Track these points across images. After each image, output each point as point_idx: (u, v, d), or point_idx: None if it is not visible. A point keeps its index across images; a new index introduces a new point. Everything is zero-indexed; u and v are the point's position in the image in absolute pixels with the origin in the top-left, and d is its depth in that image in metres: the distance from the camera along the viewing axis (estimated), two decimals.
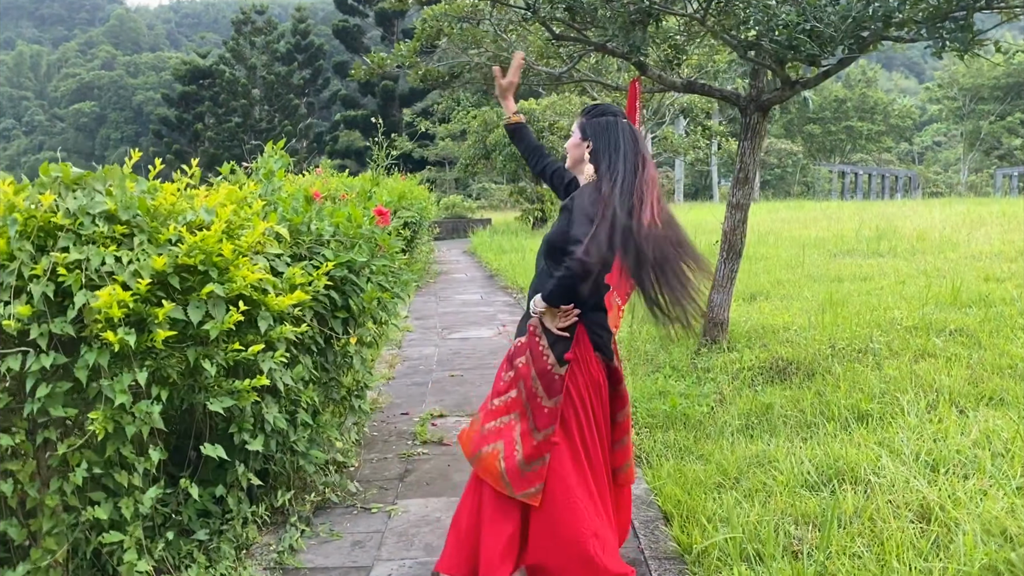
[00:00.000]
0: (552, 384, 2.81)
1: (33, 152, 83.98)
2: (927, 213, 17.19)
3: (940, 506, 3.25)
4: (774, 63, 5.60)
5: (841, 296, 8.06)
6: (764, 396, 5.09)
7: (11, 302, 2.73)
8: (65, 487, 2.84)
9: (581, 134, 2.94)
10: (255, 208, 3.35)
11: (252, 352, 2.99)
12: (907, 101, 57.13)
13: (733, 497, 3.64)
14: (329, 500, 3.94)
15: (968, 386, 4.92)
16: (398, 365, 7.03)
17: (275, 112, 45.63)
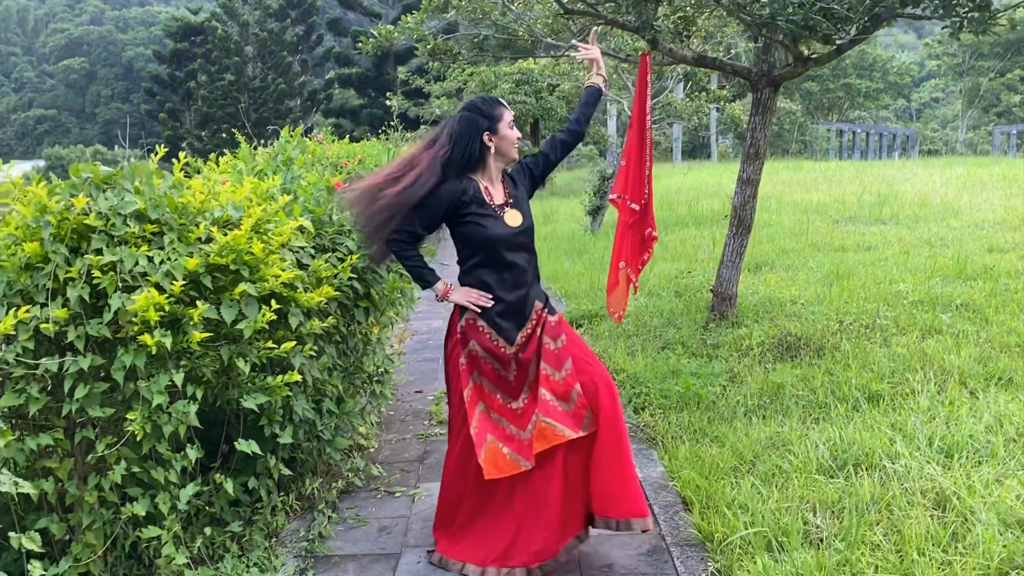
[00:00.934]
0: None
1: (23, 109, 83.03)
2: (927, 176, 17.18)
3: (956, 494, 3.33)
4: (788, 40, 5.57)
5: (846, 268, 8.11)
6: (775, 375, 5.16)
7: (48, 304, 2.75)
8: (103, 483, 2.89)
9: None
10: (280, 203, 3.36)
11: (285, 350, 3.03)
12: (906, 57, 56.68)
13: (750, 482, 3.72)
14: (353, 484, 4.01)
15: (977, 366, 4.99)
16: (407, 340, 7.08)
17: (268, 70, 45.07)
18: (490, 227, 3.10)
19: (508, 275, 3.14)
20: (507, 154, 3.20)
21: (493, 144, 3.14)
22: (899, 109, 57.38)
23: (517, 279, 3.15)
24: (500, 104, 3.20)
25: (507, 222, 3.13)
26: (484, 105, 3.20)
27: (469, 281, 3.19)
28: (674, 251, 10.19)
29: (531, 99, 21.33)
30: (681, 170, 25.96)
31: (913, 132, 37.26)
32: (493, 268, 3.14)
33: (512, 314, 3.15)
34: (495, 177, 3.22)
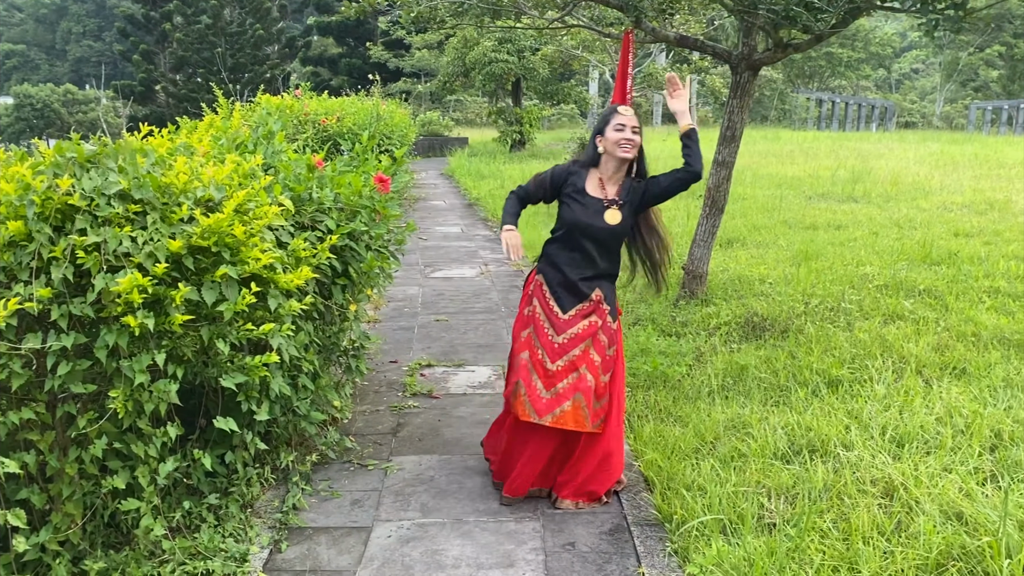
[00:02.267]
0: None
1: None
2: (901, 152, 17.39)
3: (903, 485, 3.50)
4: (768, 26, 5.63)
5: (816, 248, 8.27)
6: (739, 356, 5.31)
7: (31, 282, 2.80)
8: (84, 456, 2.97)
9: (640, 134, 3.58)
10: (263, 182, 3.40)
11: (264, 331, 3.10)
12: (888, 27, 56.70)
13: (710, 464, 3.87)
14: (327, 457, 4.12)
15: (934, 355, 5.17)
16: (383, 307, 7.16)
17: (246, 14, 44.06)
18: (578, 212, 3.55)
19: (579, 256, 3.57)
20: (613, 153, 3.54)
21: (602, 145, 3.57)
22: (879, 79, 57.53)
23: (586, 264, 3.57)
24: (615, 110, 3.58)
25: (606, 218, 3.53)
26: (604, 111, 3.71)
27: (547, 248, 3.70)
28: None
29: (513, 58, 21.19)
30: (660, 135, 26.00)
31: (891, 104, 37.45)
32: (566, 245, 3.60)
33: (570, 288, 3.58)
34: (610, 175, 3.59)
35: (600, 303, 3.61)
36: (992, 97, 42.96)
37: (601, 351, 3.59)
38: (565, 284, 3.58)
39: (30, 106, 45.16)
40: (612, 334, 3.64)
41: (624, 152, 3.49)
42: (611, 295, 3.67)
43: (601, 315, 3.61)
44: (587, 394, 3.52)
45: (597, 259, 3.57)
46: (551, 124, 35.05)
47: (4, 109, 45.75)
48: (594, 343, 3.58)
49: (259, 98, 11.58)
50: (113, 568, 3.02)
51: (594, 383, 3.55)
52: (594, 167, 3.62)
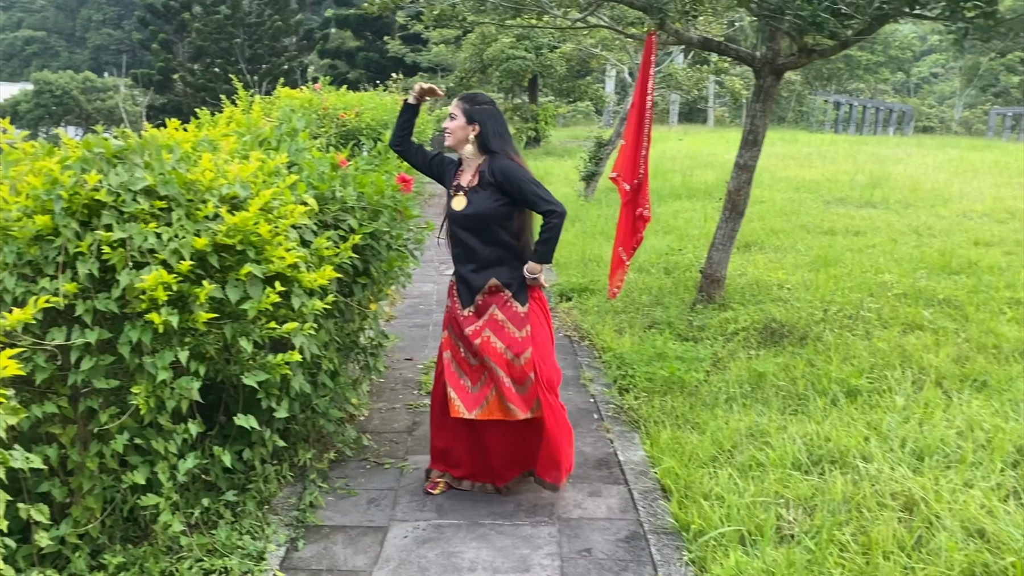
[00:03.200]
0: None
1: (12, 29, 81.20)
2: (920, 158, 17.28)
3: (923, 499, 3.48)
4: (793, 31, 5.59)
5: (834, 254, 8.23)
6: (757, 363, 5.28)
7: (57, 277, 2.81)
8: (104, 451, 2.98)
9: (466, 119, 3.57)
10: (287, 181, 3.40)
11: (287, 330, 3.10)
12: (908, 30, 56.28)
13: (728, 473, 3.85)
14: (344, 454, 4.12)
15: (954, 366, 5.13)
16: (399, 303, 7.16)
17: (265, 5, 44.12)
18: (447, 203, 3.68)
19: (460, 250, 3.66)
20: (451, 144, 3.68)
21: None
22: (898, 83, 57.13)
23: (468, 256, 3.62)
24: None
25: (453, 205, 3.62)
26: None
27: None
28: (666, 224, 10.26)
29: (531, 55, 21.15)
30: (677, 135, 25.95)
31: (909, 108, 37.23)
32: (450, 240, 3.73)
33: (465, 282, 3.65)
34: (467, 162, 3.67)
35: (498, 291, 3.60)
36: (1012, 103, 42.61)
37: (506, 337, 3.57)
38: (461, 279, 3.67)
39: (49, 92, 45.32)
40: (521, 318, 3.60)
41: (446, 142, 3.64)
42: (513, 279, 3.61)
43: (500, 303, 3.60)
44: (501, 385, 3.54)
45: (477, 248, 3.59)
46: (566, 121, 34.99)
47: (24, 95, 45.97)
48: (496, 331, 3.58)
49: (278, 91, 11.60)
50: (131, 562, 3.04)
51: (505, 371, 3.55)
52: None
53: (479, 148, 3.59)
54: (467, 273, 3.63)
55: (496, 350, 3.56)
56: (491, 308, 3.60)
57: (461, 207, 3.57)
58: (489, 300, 3.61)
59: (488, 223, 3.56)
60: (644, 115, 5.59)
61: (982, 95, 49.41)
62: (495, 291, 3.61)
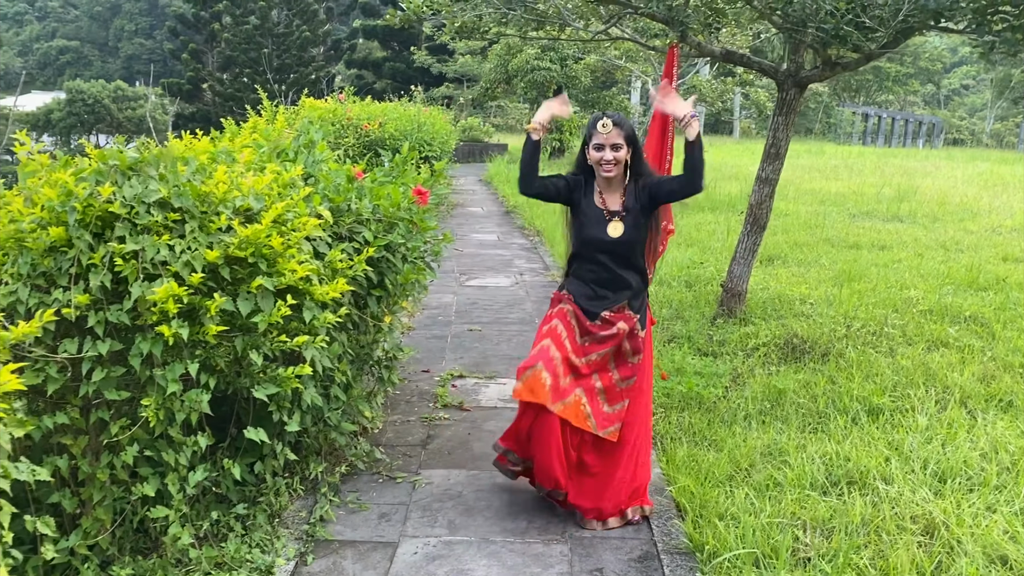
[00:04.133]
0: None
1: (47, 38, 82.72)
2: (949, 171, 17.05)
3: (944, 523, 3.39)
4: (817, 44, 5.53)
5: (859, 269, 8.12)
6: (777, 379, 5.21)
7: (70, 288, 2.82)
8: (115, 462, 2.98)
9: (628, 146, 3.47)
10: (302, 193, 3.40)
11: (298, 343, 3.09)
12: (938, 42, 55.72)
13: (744, 493, 3.79)
14: (356, 467, 4.10)
15: (979, 385, 5.03)
16: (418, 315, 7.15)
17: (293, 16, 44.59)
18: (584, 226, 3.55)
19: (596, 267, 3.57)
20: (596, 172, 3.53)
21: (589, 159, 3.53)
22: (927, 95, 56.54)
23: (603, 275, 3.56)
24: (595, 124, 3.45)
25: (609, 232, 3.51)
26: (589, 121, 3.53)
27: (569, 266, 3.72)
28: (688, 236, 10.19)
29: (556, 65, 21.17)
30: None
31: (939, 120, 36.81)
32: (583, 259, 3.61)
33: (594, 299, 3.57)
34: (607, 186, 3.56)
35: (624, 309, 3.57)
36: None
37: (621, 361, 3.58)
38: (590, 296, 3.58)
39: (81, 101, 45.98)
40: (638, 343, 3.60)
41: (605, 173, 3.46)
42: (639, 304, 3.62)
43: (628, 321, 3.56)
44: (590, 392, 3.51)
45: (615, 269, 3.55)
46: None
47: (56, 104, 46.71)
48: (616, 353, 3.58)
49: (303, 101, 11.69)
50: (140, 574, 3.03)
51: (602, 385, 3.54)
52: (593, 177, 3.59)
53: (628, 171, 3.53)
54: (600, 291, 3.56)
55: (607, 370, 3.58)
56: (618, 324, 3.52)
57: (618, 234, 3.49)
58: (616, 318, 3.54)
59: (633, 247, 3.55)
60: (667, 128, 5.55)
61: (1014, 107, 48.76)
62: (622, 309, 3.56)
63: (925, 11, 4.72)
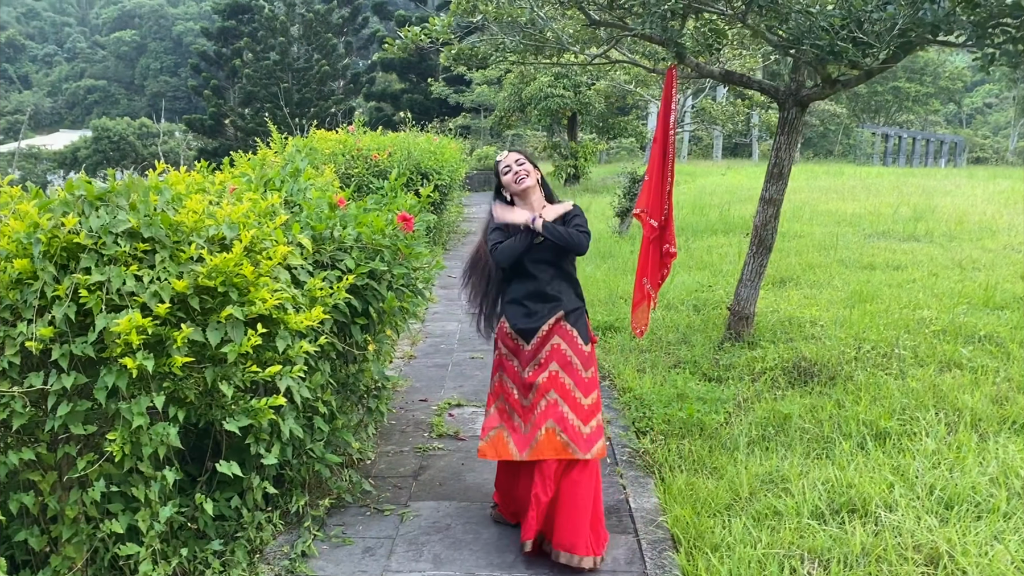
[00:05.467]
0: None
1: (75, 79, 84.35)
2: (969, 190, 16.77)
3: (949, 553, 3.24)
4: (815, 62, 5.44)
5: (871, 289, 7.94)
6: (783, 404, 5.06)
7: (34, 321, 2.78)
8: (84, 499, 2.92)
9: (532, 164, 3.71)
10: (278, 221, 3.35)
11: (270, 373, 3.02)
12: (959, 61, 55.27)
13: (742, 523, 3.65)
14: (343, 500, 4.01)
15: (992, 406, 4.85)
16: (420, 343, 7.08)
17: (313, 50, 45.22)
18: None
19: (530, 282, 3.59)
20: (516, 192, 3.66)
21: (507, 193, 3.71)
22: (949, 114, 56.08)
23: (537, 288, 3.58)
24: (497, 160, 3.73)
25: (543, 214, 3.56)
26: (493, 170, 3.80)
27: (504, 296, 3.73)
28: (699, 260, 10.06)
29: (569, 92, 21.19)
30: (720, 169, 25.66)
31: (961, 139, 36.40)
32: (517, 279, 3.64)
33: (529, 317, 3.57)
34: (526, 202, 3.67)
35: (560, 322, 3.55)
36: None
37: (574, 374, 3.51)
38: (524, 313, 3.57)
39: (107, 139, 46.78)
40: (586, 357, 3.56)
41: (521, 184, 3.60)
42: (576, 317, 3.60)
43: (565, 336, 3.54)
44: (561, 420, 3.42)
45: (546, 279, 3.58)
46: (609, 158, 34.94)
47: (83, 141, 47.54)
48: (563, 365, 3.51)
49: (313, 133, 11.75)
50: None
51: (569, 409, 3.45)
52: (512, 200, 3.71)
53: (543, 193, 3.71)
54: (534, 306, 3.57)
55: (564, 386, 3.49)
56: (553, 339, 3.53)
57: (540, 239, 3.55)
58: (551, 332, 3.54)
59: (562, 254, 3.59)
60: (667, 150, 5.48)
61: None
62: (558, 322, 3.55)
63: (922, 25, 4.62)
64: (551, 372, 3.49)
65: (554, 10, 6.82)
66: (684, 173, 22.72)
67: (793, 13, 4.69)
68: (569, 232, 3.53)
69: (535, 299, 3.57)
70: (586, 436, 3.44)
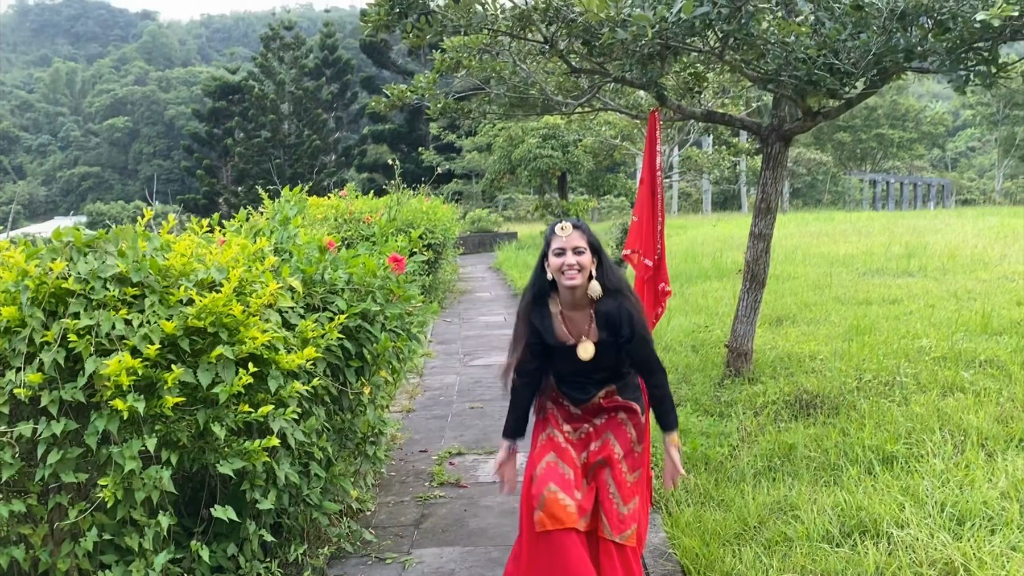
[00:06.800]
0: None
1: (69, 166, 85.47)
2: (959, 227, 16.91)
3: (964, 566, 3.16)
4: (794, 95, 5.53)
5: (869, 322, 7.93)
6: (787, 435, 5.00)
7: (23, 369, 2.75)
8: (77, 551, 2.85)
9: (592, 250, 2.94)
10: (268, 263, 3.35)
11: (262, 414, 2.98)
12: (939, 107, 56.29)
13: (752, 551, 3.58)
14: (343, 550, 3.92)
15: (997, 425, 4.80)
16: (419, 396, 7.02)
17: (303, 126, 45.99)
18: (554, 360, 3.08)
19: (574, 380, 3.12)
20: (559, 281, 2.94)
21: (548, 271, 2.97)
22: (934, 159, 56.89)
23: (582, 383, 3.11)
24: (553, 230, 2.97)
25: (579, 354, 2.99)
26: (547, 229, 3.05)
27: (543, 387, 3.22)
28: (695, 304, 10.06)
29: (558, 153, 21.49)
30: (710, 221, 25.89)
31: (948, 182, 36.88)
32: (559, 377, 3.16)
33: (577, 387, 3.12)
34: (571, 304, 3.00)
35: (613, 395, 3.12)
36: None
37: (625, 443, 3.05)
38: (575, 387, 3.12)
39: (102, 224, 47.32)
40: (642, 427, 3.14)
41: (569, 281, 2.88)
42: (628, 391, 3.15)
43: (624, 408, 3.13)
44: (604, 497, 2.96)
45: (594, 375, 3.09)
46: (601, 216, 35.25)
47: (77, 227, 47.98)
48: (616, 432, 3.06)
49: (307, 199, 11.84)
50: None
51: (615, 485, 2.97)
52: (551, 298, 3.04)
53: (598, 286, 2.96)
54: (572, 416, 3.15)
55: (613, 455, 3.01)
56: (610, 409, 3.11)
57: (590, 355, 2.98)
58: (603, 404, 3.12)
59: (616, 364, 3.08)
60: (656, 190, 5.52)
61: (1022, 164, 48.86)
62: (611, 395, 3.12)
63: (896, 51, 4.71)
64: (604, 440, 3.06)
65: (536, 64, 6.96)
66: (675, 227, 22.90)
67: (770, 45, 4.78)
68: (664, 401, 3.07)
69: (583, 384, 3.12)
70: (622, 516, 2.94)
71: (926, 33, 4.66)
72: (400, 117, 45.02)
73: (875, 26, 4.67)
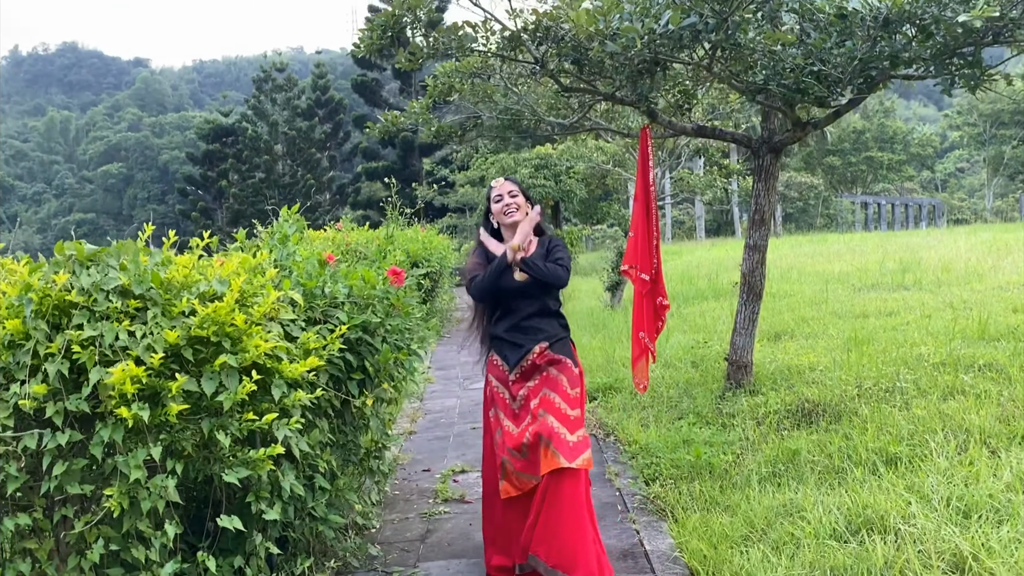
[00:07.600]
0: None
1: (63, 214, 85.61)
2: (952, 243, 17.00)
3: (973, 556, 3.16)
4: (783, 105, 5.61)
5: (866, 333, 7.95)
6: (790, 442, 5.01)
7: (27, 381, 2.76)
8: (83, 564, 2.84)
9: (525, 197, 3.82)
10: (268, 276, 3.37)
11: (266, 421, 2.99)
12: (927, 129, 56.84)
13: (760, 551, 3.57)
14: (350, 565, 3.90)
15: (999, 424, 4.81)
16: (420, 419, 7.01)
17: (297, 166, 46.25)
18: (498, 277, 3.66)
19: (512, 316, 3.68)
20: (503, 223, 3.78)
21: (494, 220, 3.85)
22: (924, 180, 57.30)
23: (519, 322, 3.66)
24: (491, 185, 3.86)
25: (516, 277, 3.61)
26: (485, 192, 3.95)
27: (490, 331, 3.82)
28: (693, 323, 10.09)
29: (550, 182, 21.62)
30: (704, 247, 26.00)
31: (939, 202, 37.12)
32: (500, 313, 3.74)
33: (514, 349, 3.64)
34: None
35: (545, 351, 3.62)
36: None
37: (561, 391, 3.54)
38: (510, 347, 3.65)
39: None
40: (575, 376, 3.63)
41: (509, 218, 3.70)
42: (561, 345, 3.68)
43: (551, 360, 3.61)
44: (550, 433, 3.39)
45: (531, 315, 3.65)
46: (595, 245, 35.38)
47: None
48: (552, 387, 3.55)
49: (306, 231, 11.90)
50: None
51: (557, 422, 3.44)
52: (500, 241, 3.79)
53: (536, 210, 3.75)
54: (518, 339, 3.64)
55: (552, 402, 3.50)
56: (542, 365, 3.60)
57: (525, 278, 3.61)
58: (539, 359, 3.61)
59: (546, 290, 3.66)
60: (650, 207, 5.58)
61: (1011, 183, 49.23)
62: (542, 352, 3.62)
63: (881, 58, 4.79)
64: (541, 396, 3.53)
65: (527, 87, 7.05)
66: (670, 253, 22.99)
67: (757, 55, 4.86)
68: (546, 265, 3.60)
69: (518, 332, 3.65)
70: (572, 444, 3.39)
71: (910, 40, 4.74)
72: (393, 154, 45.30)
73: (860, 34, 4.75)
